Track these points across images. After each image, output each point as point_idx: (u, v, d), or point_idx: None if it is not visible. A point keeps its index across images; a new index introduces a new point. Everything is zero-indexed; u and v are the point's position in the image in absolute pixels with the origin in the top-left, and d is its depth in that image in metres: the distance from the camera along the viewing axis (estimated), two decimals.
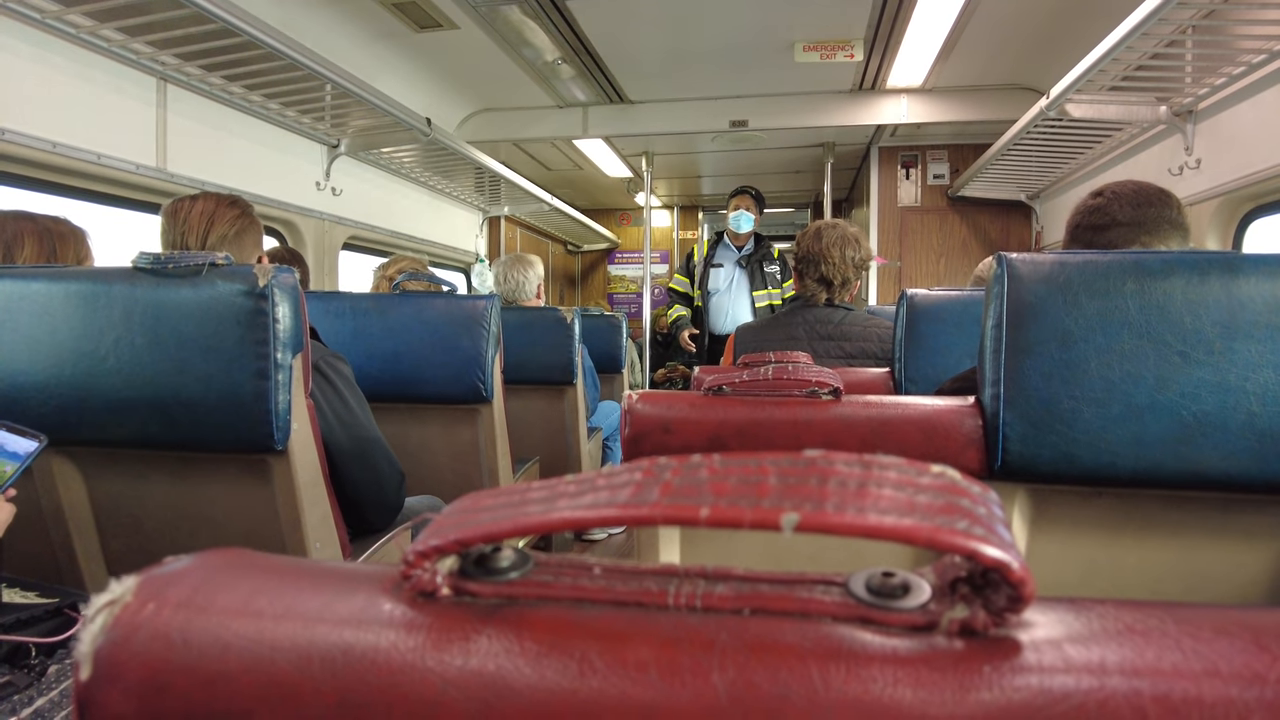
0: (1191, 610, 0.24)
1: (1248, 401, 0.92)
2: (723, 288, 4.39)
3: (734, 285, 4.36)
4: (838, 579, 0.25)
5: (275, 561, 0.29)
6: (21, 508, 1.39)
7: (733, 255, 4.41)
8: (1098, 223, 1.36)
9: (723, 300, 4.38)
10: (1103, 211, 1.36)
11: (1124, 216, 1.33)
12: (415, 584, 0.25)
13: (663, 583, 0.24)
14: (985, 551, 0.21)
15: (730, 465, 0.23)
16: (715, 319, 4.39)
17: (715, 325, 4.41)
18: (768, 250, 4.36)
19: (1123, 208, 1.34)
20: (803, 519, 0.21)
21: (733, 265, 4.39)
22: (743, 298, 4.34)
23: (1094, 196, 1.39)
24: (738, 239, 4.38)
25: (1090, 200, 1.39)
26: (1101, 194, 1.38)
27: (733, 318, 4.30)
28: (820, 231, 2.13)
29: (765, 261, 4.32)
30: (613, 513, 0.22)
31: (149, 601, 0.26)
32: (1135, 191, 1.35)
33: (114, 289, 1.26)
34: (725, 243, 4.44)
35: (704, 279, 4.43)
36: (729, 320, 4.34)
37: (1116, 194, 1.36)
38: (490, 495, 0.26)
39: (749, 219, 4.26)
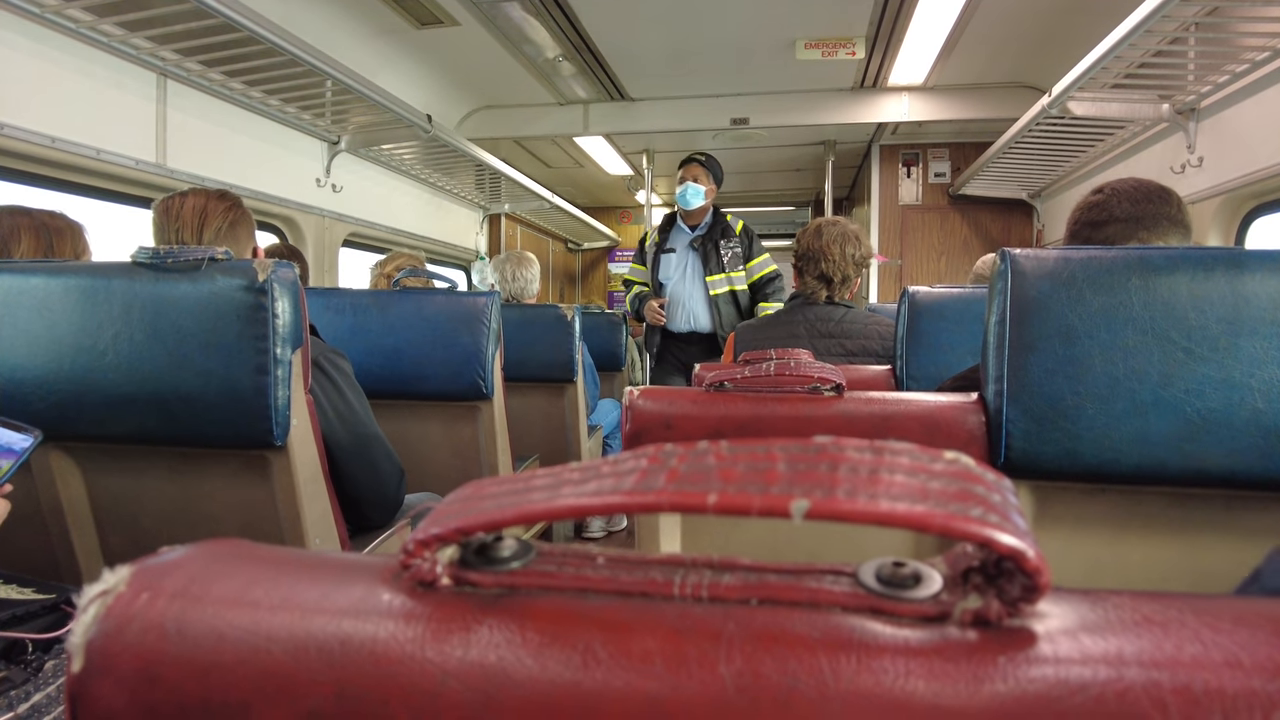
0: (1210, 601, 0.23)
1: (1253, 398, 0.92)
2: (675, 276, 3.67)
3: (687, 272, 3.64)
4: (847, 569, 0.24)
5: (272, 552, 0.29)
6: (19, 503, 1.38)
7: (685, 237, 3.68)
8: (1096, 219, 1.36)
9: (676, 291, 3.67)
10: (1101, 208, 1.35)
11: (1122, 213, 1.33)
12: (415, 574, 0.25)
13: (668, 572, 0.24)
14: (1000, 539, 0.20)
15: (738, 452, 0.23)
16: (670, 314, 3.67)
17: (671, 321, 3.67)
18: (726, 226, 3.62)
19: (1121, 204, 1.33)
20: (813, 506, 0.20)
21: (685, 249, 3.66)
22: (696, 287, 3.60)
23: (1094, 193, 1.39)
24: (689, 217, 3.65)
25: (1090, 197, 1.39)
26: (1101, 191, 1.38)
27: (689, 312, 3.62)
28: (820, 229, 2.12)
29: (724, 240, 3.58)
30: (618, 499, 0.22)
31: (143, 592, 0.26)
32: (1135, 188, 1.34)
33: (113, 284, 1.25)
34: (679, 224, 3.72)
35: (654, 267, 3.72)
36: (685, 315, 3.63)
37: (1116, 190, 1.35)
38: (493, 483, 0.26)
39: (698, 192, 3.53)
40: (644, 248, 3.85)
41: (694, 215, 3.63)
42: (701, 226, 3.64)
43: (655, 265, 3.71)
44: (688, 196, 3.54)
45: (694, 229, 3.66)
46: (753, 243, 3.61)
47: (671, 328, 3.68)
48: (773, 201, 6.97)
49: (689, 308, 3.63)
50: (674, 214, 3.76)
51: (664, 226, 3.79)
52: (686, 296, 3.63)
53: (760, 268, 3.56)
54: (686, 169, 3.58)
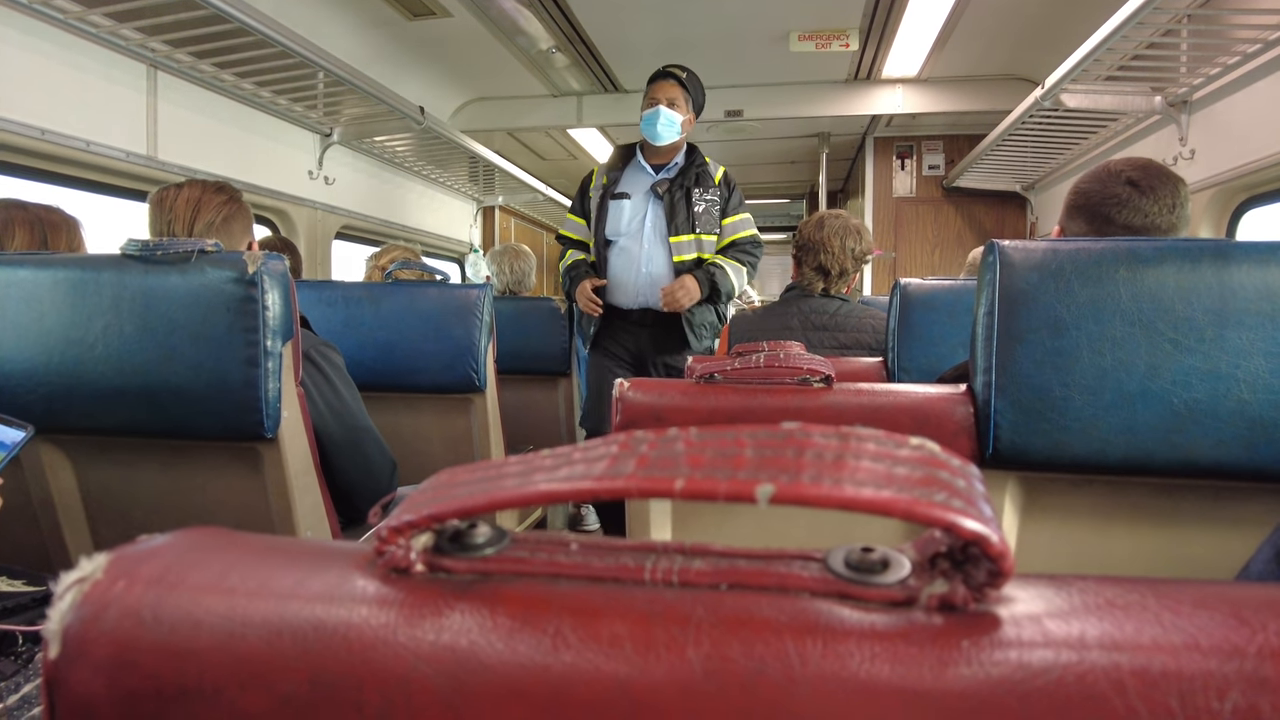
0: (1172, 585, 0.24)
1: (1238, 389, 0.92)
2: (628, 231, 2.66)
3: (646, 228, 2.64)
4: (816, 554, 0.24)
5: (250, 540, 0.29)
6: (10, 497, 1.38)
7: (646, 179, 2.68)
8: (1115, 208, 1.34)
9: (629, 253, 2.65)
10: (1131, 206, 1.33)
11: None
12: (389, 560, 0.25)
13: (639, 558, 0.24)
14: (963, 524, 0.21)
15: (707, 438, 0.23)
16: (618, 283, 2.67)
17: (617, 293, 2.68)
18: (704, 171, 2.68)
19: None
20: (778, 490, 0.20)
21: (645, 196, 2.66)
22: (657, 249, 2.63)
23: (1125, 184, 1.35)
24: (655, 153, 2.68)
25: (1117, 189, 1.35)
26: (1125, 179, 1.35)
27: (647, 278, 2.64)
28: (823, 220, 2.12)
29: (700, 187, 2.64)
30: (588, 485, 0.22)
31: (119, 579, 0.26)
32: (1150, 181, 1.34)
33: (102, 276, 1.24)
34: (639, 161, 2.72)
35: (600, 218, 2.69)
36: (640, 284, 2.64)
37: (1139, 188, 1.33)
38: (467, 470, 0.26)
39: (671, 121, 2.57)
40: (586, 191, 2.81)
41: (663, 152, 2.68)
42: (670, 167, 2.68)
43: (601, 216, 2.69)
44: (658, 126, 2.58)
45: (659, 169, 2.69)
46: (733, 195, 2.71)
47: (617, 302, 2.69)
48: (768, 194, 6.97)
49: (648, 273, 2.64)
50: (633, 147, 2.78)
51: (618, 162, 2.76)
52: (642, 260, 2.64)
53: (738, 228, 2.69)
54: (658, 87, 2.64)
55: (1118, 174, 1.33)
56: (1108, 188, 1.33)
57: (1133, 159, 1.36)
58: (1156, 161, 1.35)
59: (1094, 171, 1.38)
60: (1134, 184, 1.30)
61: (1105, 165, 1.37)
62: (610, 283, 2.68)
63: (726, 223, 2.70)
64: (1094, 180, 1.36)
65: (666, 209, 2.63)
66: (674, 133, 2.62)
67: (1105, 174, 1.35)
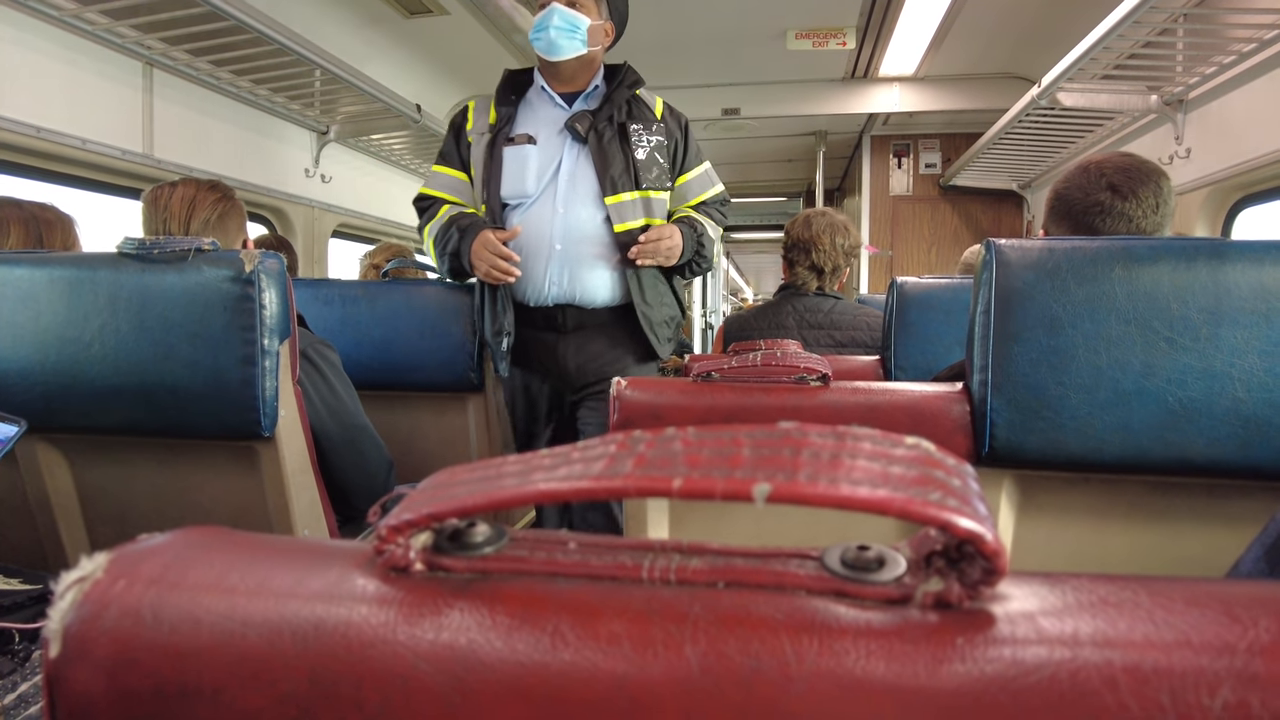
0: (1165, 583, 0.24)
1: (1233, 388, 0.93)
2: (536, 191, 1.87)
3: (562, 184, 1.87)
4: (813, 553, 0.25)
5: (250, 539, 0.29)
6: (6, 495, 1.38)
7: (556, 114, 1.93)
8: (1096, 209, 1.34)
9: (538, 223, 1.87)
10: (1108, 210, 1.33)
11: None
12: (388, 559, 0.25)
13: (638, 557, 0.24)
14: (958, 523, 0.21)
15: (705, 437, 0.23)
16: (524, 269, 1.86)
17: (524, 286, 1.89)
18: (636, 101, 1.96)
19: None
20: (774, 489, 0.21)
21: (559, 138, 1.90)
22: (586, 214, 1.86)
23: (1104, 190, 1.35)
24: (560, 75, 1.93)
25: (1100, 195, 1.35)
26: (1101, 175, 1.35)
27: (564, 260, 1.85)
28: (810, 219, 2.13)
29: (638, 123, 1.92)
30: (586, 485, 0.22)
31: (120, 578, 0.26)
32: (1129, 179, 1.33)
33: (99, 274, 1.24)
34: (540, 87, 1.97)
35: (489, 173, 1.90)
36: (555, 269, 1.86)
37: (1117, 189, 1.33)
38: (466, 470, 0.26)
39: (574, 26, 1.85)
40: (459, 135, 1.98)
41: (568, 73, 1.90)
42: (589, 95, 1.93)
43: (492, 169, 1.88)
44: (550, 32, 1.82)
45: (571, 99, 1.93)
46: (688, 138, 2.01)
47: (525, 297, 1.89)
48: (764, 192, 6.96)
49: (562, 256, 1.84)
50: (529, 71, 2.00)
51: (509, 92, 1.95)
52: (558, 232, 1.84)
53: (704, 184, 2.01)
54: None
55: (1098, 178, 1.32)
56: (1090, 195, 1.31)
57: (1112, 157, 1.34)
58: (1136, 157, 1.33)
59: (1073, 173, 1.36)
60: (1115, 189, 1.29)
61: (1084, 165, 1.35)
62: (519, 265, 1.80)
63: (685, 179, 1.93)
64: (1074, 185, 1.34)
65: (595, 155, 1.81)
66: (577, 43, 1.82)
67: (1085, 178, 1.33)
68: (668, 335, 1.95)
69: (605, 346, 1.90)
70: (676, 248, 1.84)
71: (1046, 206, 1.41)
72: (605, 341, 1.90)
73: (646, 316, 1.87)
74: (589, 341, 1.89)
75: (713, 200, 2.03)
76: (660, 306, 1.92)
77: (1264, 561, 0.61)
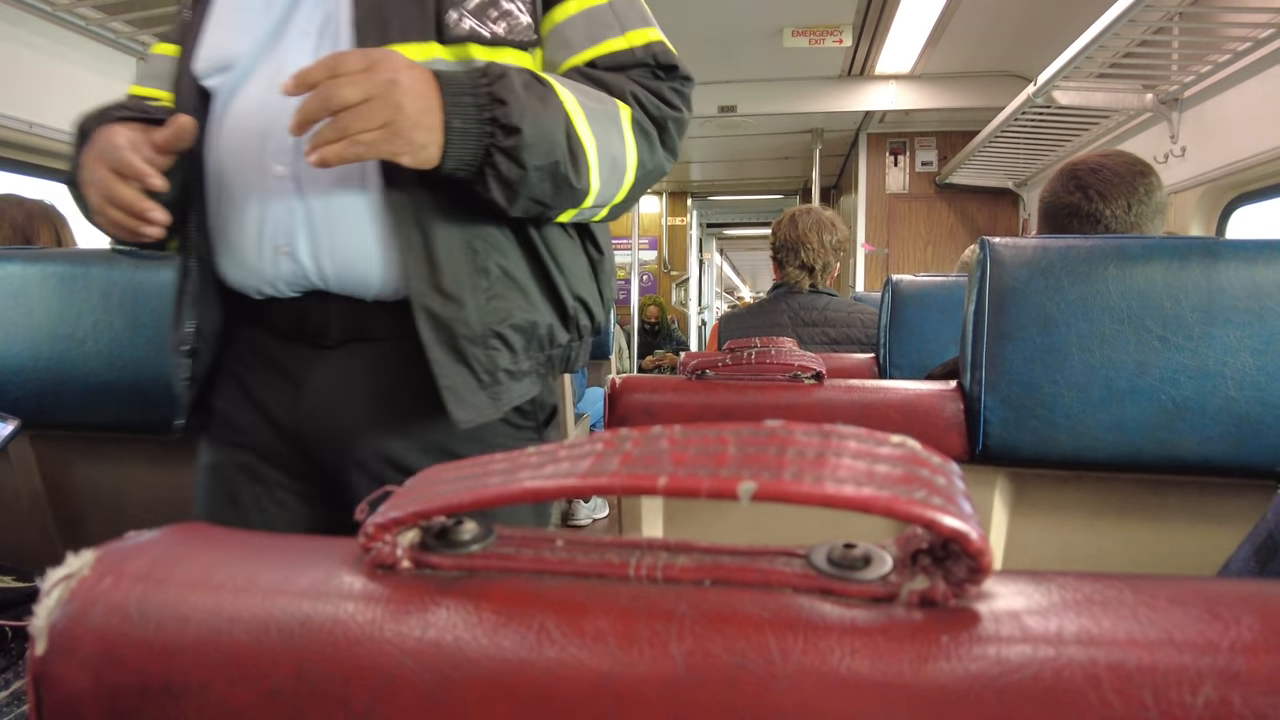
0: (1150, 581, 0.24)
1: (1225, 386, 0.93)
2: (249, 53, 0.81)
3: (293, 37, 0.80)
4: (799, 551, 0.25)
5: (237, 535, 0.29)
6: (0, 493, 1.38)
7: None
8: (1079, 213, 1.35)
9: (254, 113, 0.79)
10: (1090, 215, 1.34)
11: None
12: (375, 557, 0.25)
13: (624, 554, 0.24)
14: (943, 521, 0.21)
15: (690, 435, 0.23)
16: (226, 201, 0.82)
17: (227, 249, 0.83)
18: None
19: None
20: (760, 488, 0.21)
21: None
22: None
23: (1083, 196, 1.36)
24: None
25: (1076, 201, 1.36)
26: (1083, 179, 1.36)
27: (307, 199, 0.78)
28: (795, 218, 2.13)
29: None
30: (572, 483, 0.22)
31: (106, 575, 0.26)
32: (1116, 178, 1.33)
33: (92, 271, 1.24)
34: None
35: (186, 28, 0.87)
36: (274, 213, 0.79)
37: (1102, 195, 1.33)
38: (453, 467, 0.26)
39: None
40: None
41: None
42: None
43: (191, 21, 0.88)
44: None
45: None
46: None
47: (234, 275, 0.85)
48: (760, 190, 6.97)
49: (305, 188, 0.79)
50: None
51: None
52: (292, 139, 0.73)
53: (599, 27, 0.94)
54: None
55: (1069, 179, 1.32)
56: (1059, 196, 1.32)
57: (1090, 157, 1.34)
58: (1115, 156, 1.32)
59: (1055, 175, 1.37)
60: (1084, 190, 1.29)
61: (1064, 167, 1.35)
62: (210, 204, 0.86)
63: (562, 13, 0.92)
64: (1051, 190, 1.35)
65: None
66: None
67: (1059, 181, 1.34)
68: (545, 357, 0.94)
69: (384, 389, 0.86)
70: (386, 112, 0.68)
71: (1040, 215, 1.42)
72: (388, 378, 0.85)
73: (436, 312, 0.79)
74: (359, 376, 0.86)
75: (628, 59, 0.96)
76: (486, 246, 0.84)
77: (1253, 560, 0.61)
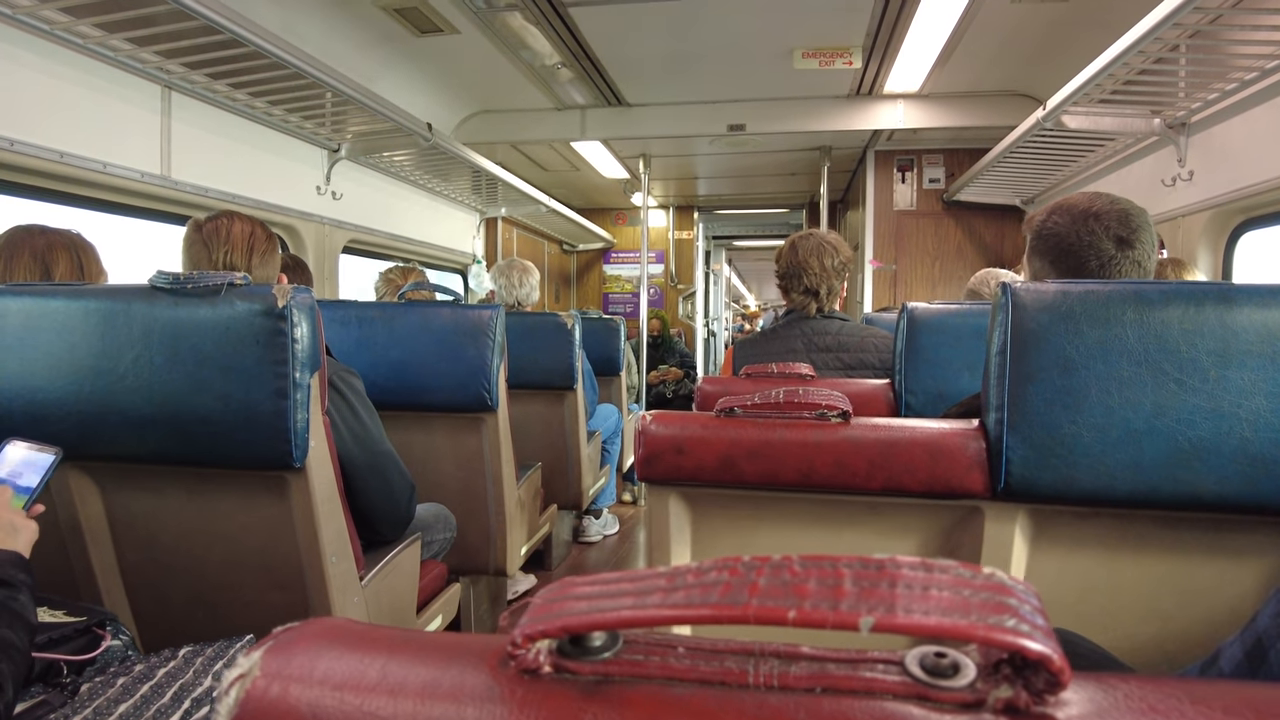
0: (1206, 688, 0.27)
1: (1240, 427, 0.96)
2: None
3: None
4: (895, 657, 0.28)
5: (380, 632, 0.32)
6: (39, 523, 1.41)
7: None
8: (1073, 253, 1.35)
9: None
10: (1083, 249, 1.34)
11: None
12: (520, 663, 0.28)
13: (742, 662, 0.28)
14: (1031, 647, 0.24)
15: (809, 567, 0.26)
16: None
17: None
18: None
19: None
20: (877, 621, 0.24)
21: None
22: None
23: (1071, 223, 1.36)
24: None
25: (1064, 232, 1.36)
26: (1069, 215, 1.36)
27: None
28: (795, 245, 2.16)
29: None
30: (707, 612, 0.25)
31: (274, 680, 0.29)
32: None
33: (132, 308, 1.28)
34: None
35: None
36: None
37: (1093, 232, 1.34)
38: (586, 583, 0.29)
39: None
40: None
41: None
42: None
43: None
44: None
45: None
46: None
47: None
48: (768, 204, 7.02)
49: None
50: None
51: None
52: None
53: None
54: None
55: (1101, 227, 1.32)
56: (1091, 241, 1.32)
57: (1105, 205, 1.34)
58: (1125, 205, 1.34)
59: (1068, 215, 1.36)
60: (1124, 242, 1.31)
61: (1084, 211, 1.35)
62: None
63: None
64: (1071, 230, 1.34)
65: None
66: None
67: (1084, 225, 1.33)
68: None
69: None
70: None
71: (1032, 244, 1.41)
72: None
73: None
74: None
75: None
76: None
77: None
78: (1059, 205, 1.39)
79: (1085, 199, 1.36)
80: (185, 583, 1.43)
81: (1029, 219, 1.46)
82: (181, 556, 1.42)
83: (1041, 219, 1.40)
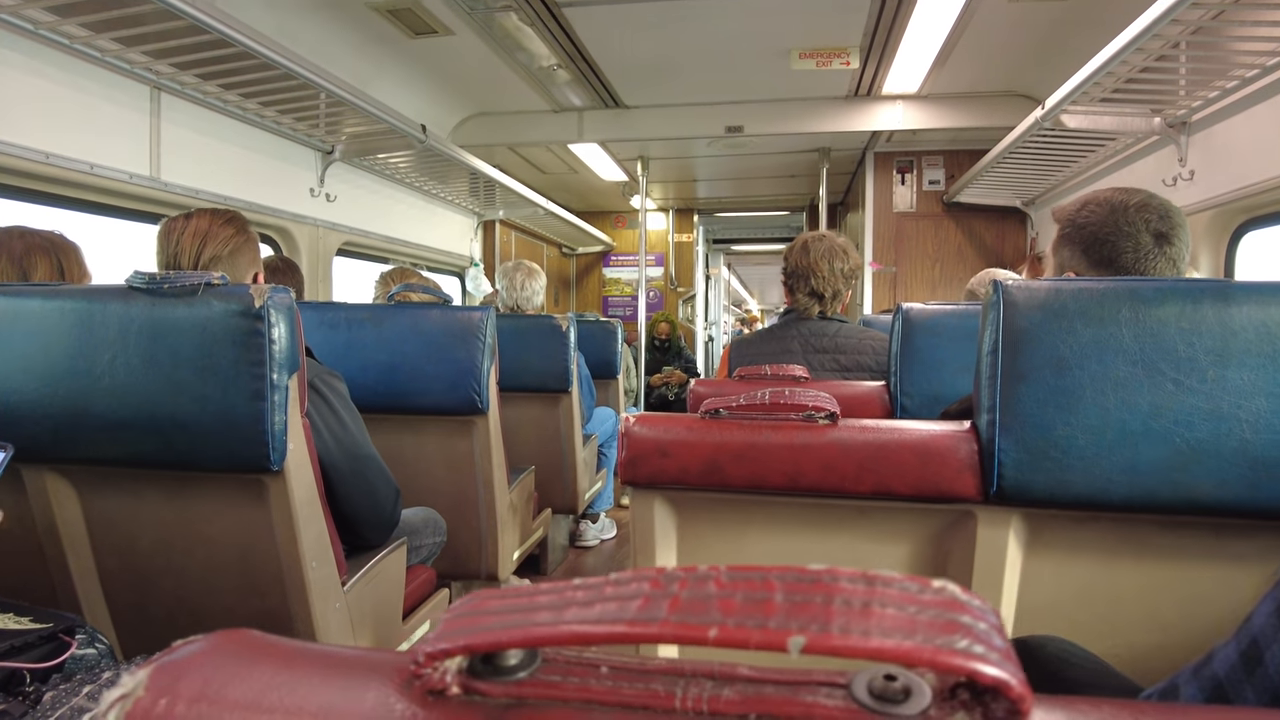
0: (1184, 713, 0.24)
1: (1240, 429, 0.93)
2: None
3: None
4: (841, 680, 0.25)
5: (286, 648, 0.30)
6: (15, 527, 1.38)
7: None
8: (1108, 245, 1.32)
9: None
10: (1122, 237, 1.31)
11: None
12: (426, 683, 0.26)
13: (670, 684, 0.25)
14: (985, 671, 0.21)
15: (737, 579, 0.23)
16: None
17: None
18: None
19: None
20: (809, 642, 0.21)
21: None
22: None
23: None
24: None
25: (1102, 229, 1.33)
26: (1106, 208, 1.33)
27: None
28: (808, 245, 2.13)
29: None
30: (621, 629, 0.22)
31: (161, 697, 0.27)
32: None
33: (109, 308, 1.25)
34: None
35: None
36: None
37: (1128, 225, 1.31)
38: (498, 597, 0.26)
39: None
40: None
41: None
42: None
43: None
44: None
45: None
46: None
47: None
48: (767, 207, 6.99)
49: None
50: None
51: None
52: None
53: None
54: None
55: (1142, 219, 1.29)
56: (1130, 232, 1.29)
57: (1145, 198, 1.31)
58: (1166, 201, 1.30)
59: (1106, 205, 1.32)
60: (1163, 237, 1.28)
61: (1123, 202, 1.31)
62: None
63: None
64: (1109, 219, 1.31)
65: None
66: None
67: (1124, 216, 1.30)
68: None
69: None
70: None
71: (1062, 233, 1.38)
72: None
73: None
74: None
75: None
76: None
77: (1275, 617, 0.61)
78: (1094, 195, 1.35)
79: (1122, 191, 1.33)
80: (165, 588, 1.41)
81: (1059, 208, 1.42)
82: (161, 561, 1.39)
83: (1075, 208, 1.37)
